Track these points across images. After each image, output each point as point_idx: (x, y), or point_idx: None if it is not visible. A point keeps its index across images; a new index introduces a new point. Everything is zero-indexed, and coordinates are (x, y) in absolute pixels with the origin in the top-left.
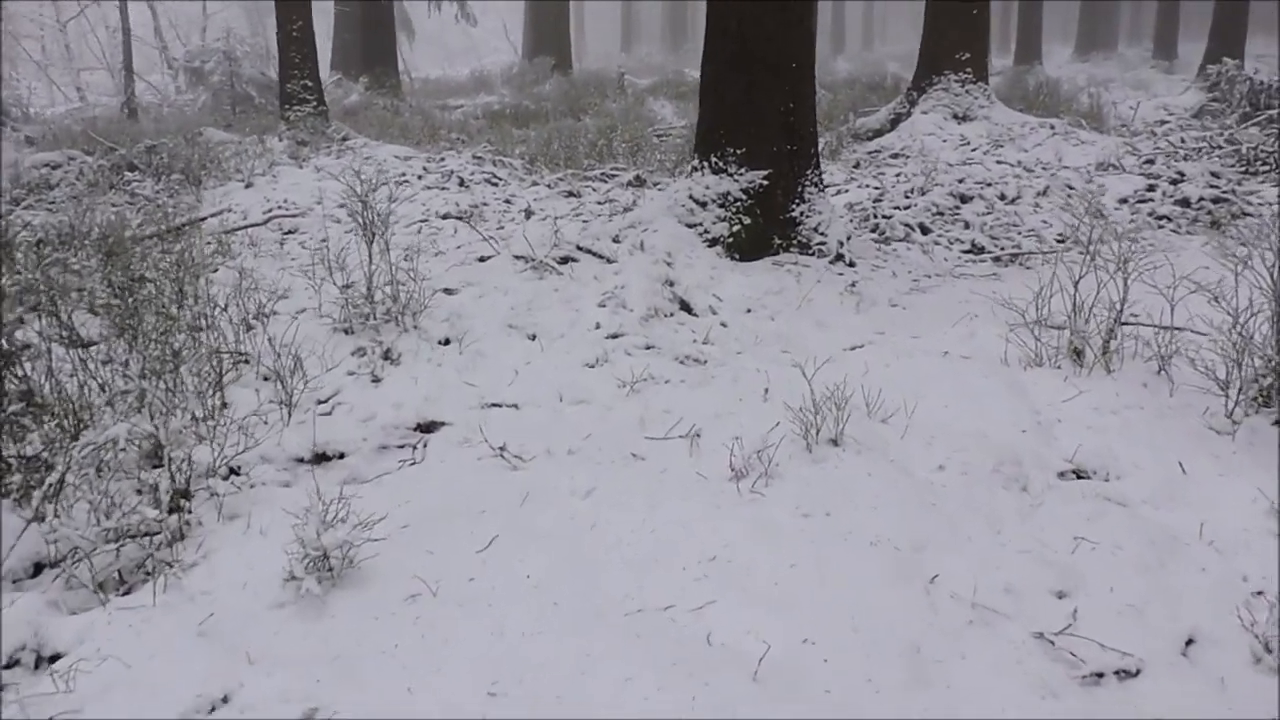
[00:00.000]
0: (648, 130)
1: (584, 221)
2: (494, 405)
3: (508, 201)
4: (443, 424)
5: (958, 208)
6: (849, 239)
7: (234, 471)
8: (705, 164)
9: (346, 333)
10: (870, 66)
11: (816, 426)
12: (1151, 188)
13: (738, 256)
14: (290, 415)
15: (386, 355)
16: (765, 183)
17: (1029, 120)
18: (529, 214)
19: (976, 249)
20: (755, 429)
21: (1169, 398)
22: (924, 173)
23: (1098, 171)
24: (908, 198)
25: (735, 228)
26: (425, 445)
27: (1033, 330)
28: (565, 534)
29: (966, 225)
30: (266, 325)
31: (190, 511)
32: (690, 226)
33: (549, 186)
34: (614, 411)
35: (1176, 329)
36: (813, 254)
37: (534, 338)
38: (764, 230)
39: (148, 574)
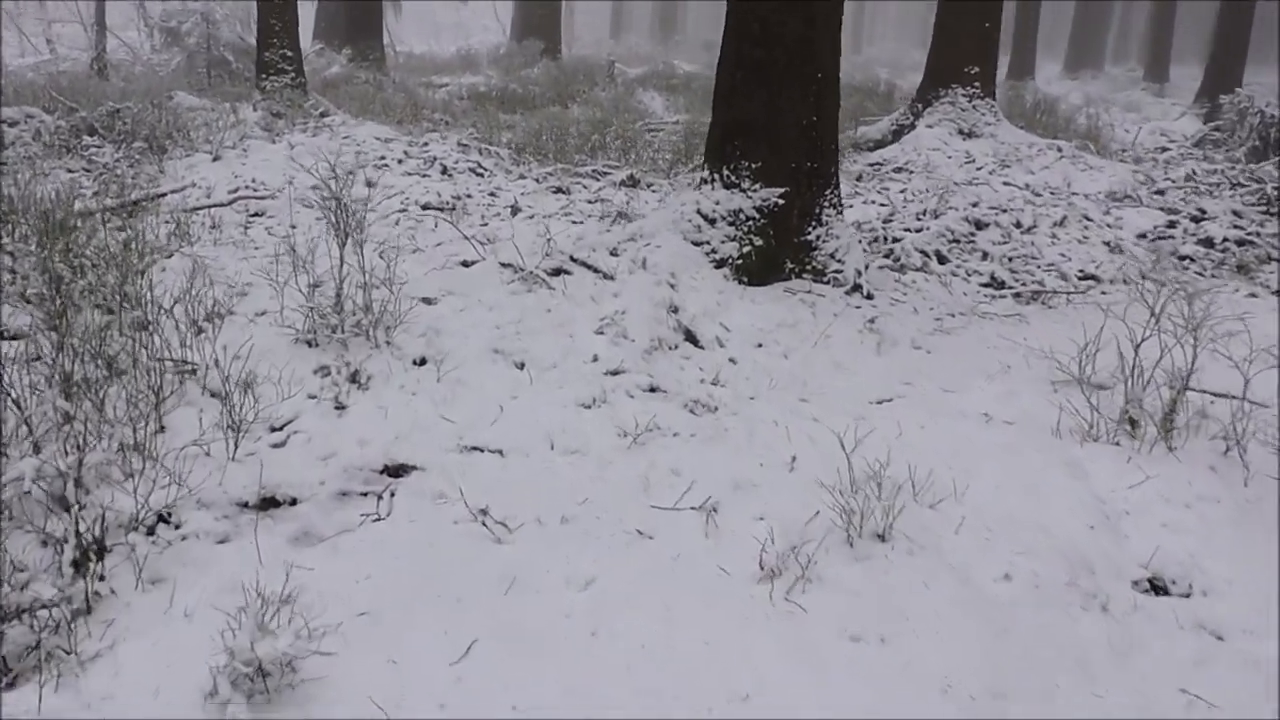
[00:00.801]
0: (639, 124)
1: (574, 222)
2: (474, 449)
3: (493, 195)
4: (414, 468)
5: (973, 234)
6: (867, 268)
7: (163, 519)
8: (716, 177)
9: (310, 345)
10: (861, 71)
11: (860, 514)
12: (1172, 224)
13: (746, 280)
14: (237, 446)
15: (354, 378)
16: (781, 202)
17: (1035, 141)
18: (515, 210)
19: (996, 283)
20: (783, 509)
21: (1244, 488)
22: (934, 192)
23: (1112, 202)
24: (919, 220)
25: (746, 249)
26: (393, 494)
27: (1086, 395)
28: (560, 643)
29: (984, 256)
30: (219, 330)
31: (103, 577)
32: (696, 244)
33: (537, 181)
34: (614, 467)
35: (1253, 403)
36: (827, 282)
37: (522, 366)
38: (776, 253)
39: (44, 659)
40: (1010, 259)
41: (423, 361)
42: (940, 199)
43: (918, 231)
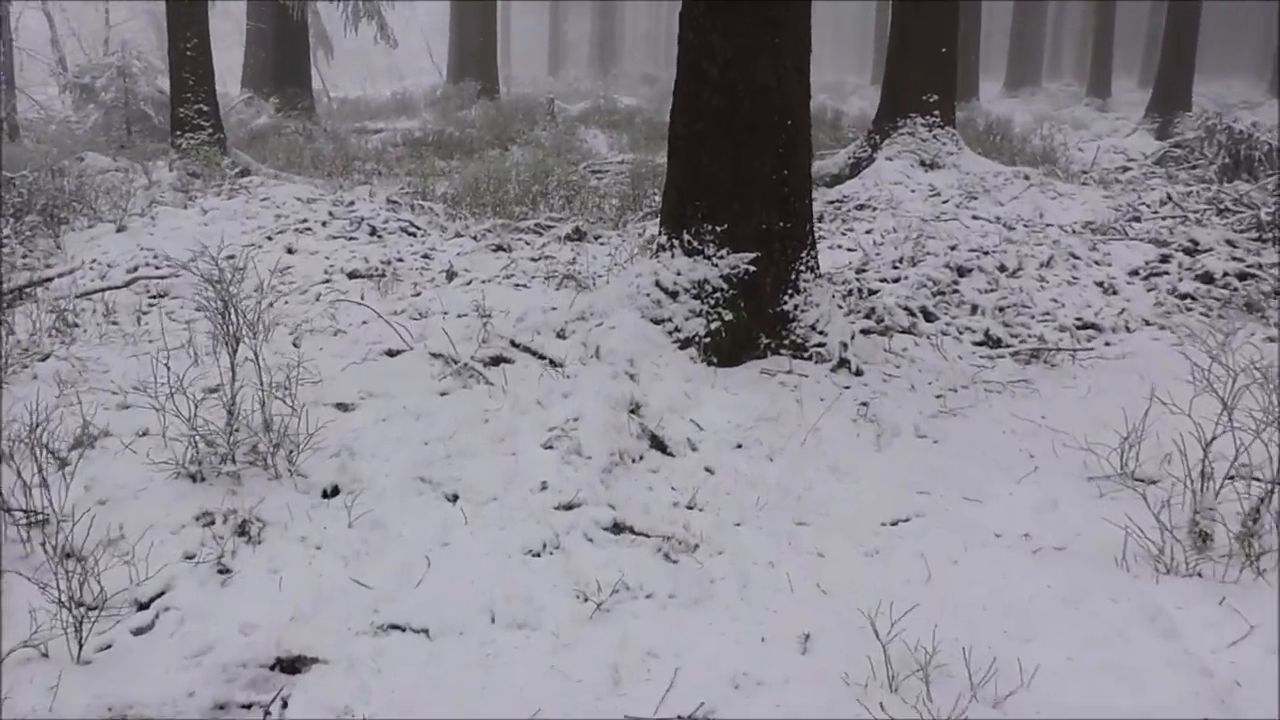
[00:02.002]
0: (583, 166)
1: (516, 285)
2: (394, 627)
3: (426, 257)
4: (314, 661)
5: (956, 282)
6: (853, 338)
7: None
8: (675, 243)
9: (194, 480)
10: None
11: None
12: (1165, 258)
13: (717, 362)
14: (84, 641)
15: (243, 529)
16: (752, 269)
17: (1001, 169)
18: (451, 275)
19: (991, 341)
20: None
21: None
22: (907, 234)
23: (1093, 233)
24: (896, 268)
25: (714, 325)
26: (285, 704)
27: (1144, 500)
28: None
29: (974, 309)
30: (87, 461)
31: None
32: (657, 323)
33: (475, 239)
34: (573, 651)
35: None
36: (809, 358)
37: (455, 499)
38: (749, 328)
39: None
40: (1001, 309)
41: (334, 491)
42: (916, 243)
43: (895, 282)
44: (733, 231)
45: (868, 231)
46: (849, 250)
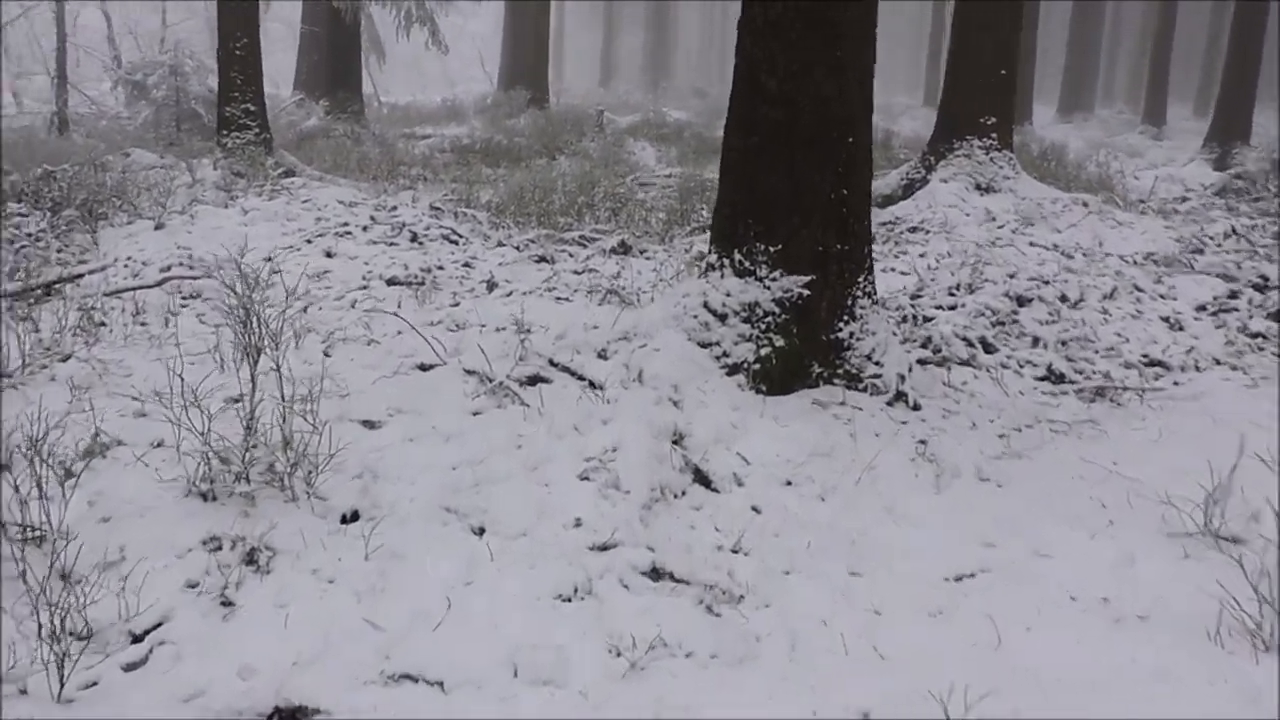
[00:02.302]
0: (630, 179)
1: (558, 298)
2: (406, 677)
3: (467, 265)
4: (316, 713)
5: (1015, 312)
6: (910, 370)
7: None
8: (726, 262)
9: (205, 499)
10: None
11: None
12: (1234, 294)
13: (765, 390)
14: (65, 678)
15: (252, 557)
16: (806, 292)
17: (1058, 196)
18: (491, 286)
19: (1054, 376)
20: None
21: None
22: (964, 260)
23: (1155, 264)
24: (953, 295)
25: (764, 351)
26: None
27: (1256, 589)
28: None
29: (1035, 341)
30: (95, 473)
31: None
32: (704, 346)
33: (518, 249)
34: (602, 715)
35: None
36: (863, 389)
37: (481, 532)
38: (801, 356)
39: None
40: (1064, 343)
41: (353, 516)
42: (974, 269)
43: (952, 309)
44: (787, 252)
45: (921, 255)
46: (902, 274)
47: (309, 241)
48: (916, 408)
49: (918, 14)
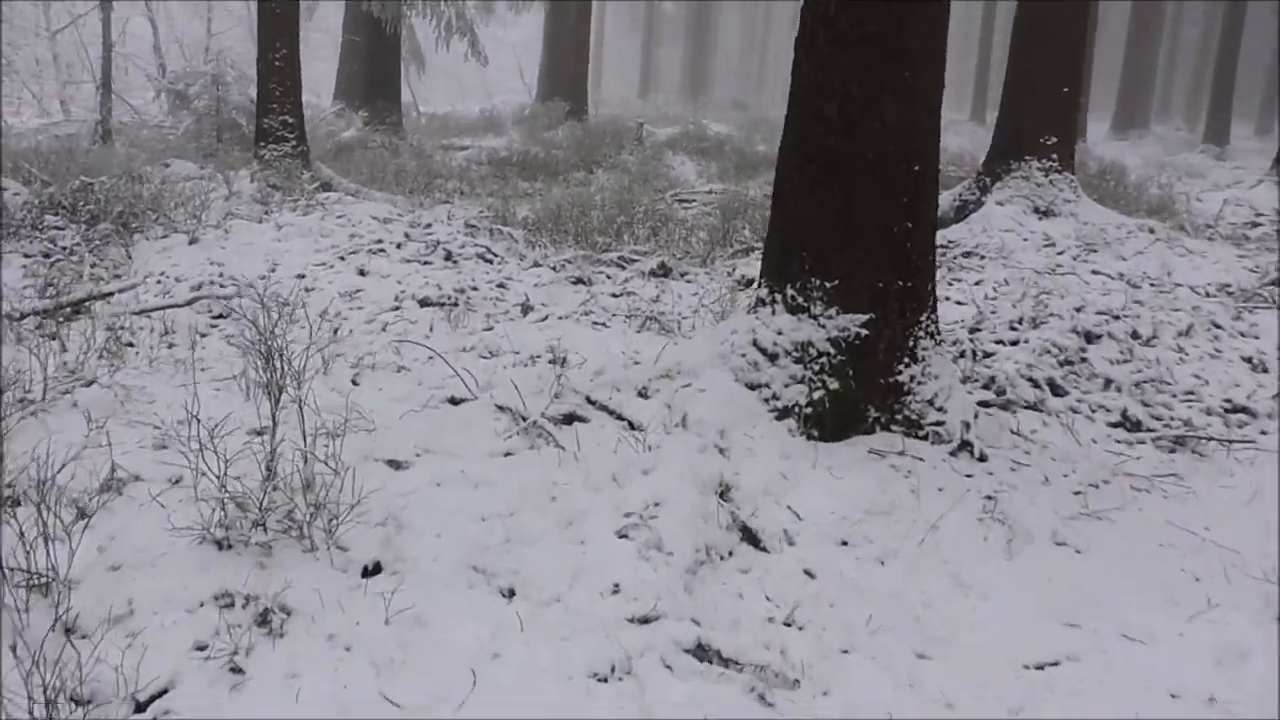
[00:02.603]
0: (669, 195)
1: (595, 324)
2: None
3: (502, 286)
4: None
5: (1084, 350)
6: (976, 417)
7: None
8: (777, 297)
9: (220, 547)
10: None
11: None
12: None
13: (818, 436)
14: None
15: (265, 618)
16: (864, 332)
17: (1123, 220)
18: (526, 309)
19: (1130, 423)
20: None
21: None
22: (1024, 289)
23: (1231, 297)
24: (1015, 329)
25: (817, 394)
26: None
27: None
28: None
29: (1107, 383)
30: (106, 512)
31: None
32: (753, 388)
33: (554, 269)
34: None
35: None
36: (924, 437)
37: (511, 595)
38: (857, 400)
39: None
40: (1138, 385)
41: (375, 569)
42: (1036, 301)
43: (1014, 344)
44: (844, 288)
45: (977, 282)
46: (958, 304)
47: (342, 259)
48: (983, 459)
49: (964, 20)
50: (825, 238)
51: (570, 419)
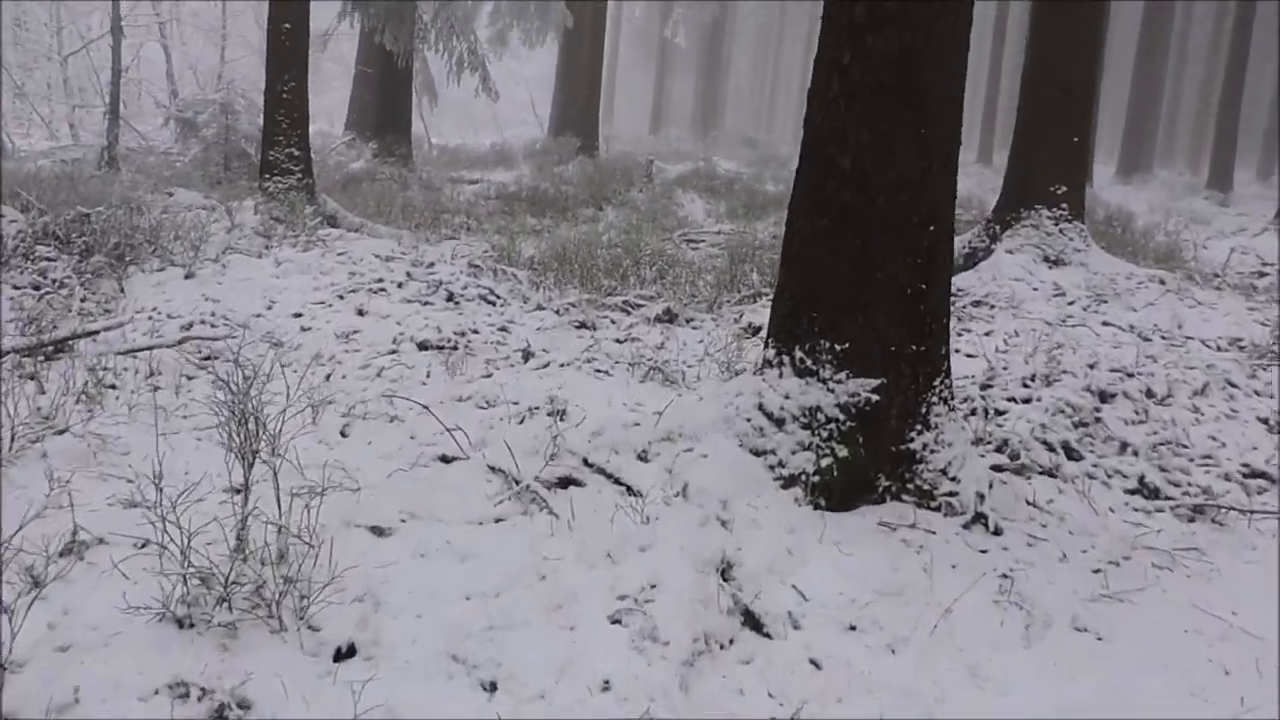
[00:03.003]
0: (677, 235)
1: (598, 371)
2: None
3: (504, 330)
4: None
5: (1098, 409)
6: (991, 487)
7: None
8: (785, 359)
9: (181, 625)
10: None
11: None
12: None
13: (825, 504)
14: None
15: (221, 714)
16: (875, 397)
17: (1133, 270)
18: (527, 355)
19: (1148, 490)
20: None
21: None
22: (1036, 344)
23: (1250, 359)
24: (1027, 386)
25: (825, 461)
26: None
27: None
28: None
29: (1123, 446)
30: (62, 584)
31: None
32: (758, 454)
33: (557, 313)
34: None
35: None
36: (937, 508)
37: (493, 689)
38: (867, 468)
39: None
40: (1155, 449)
41: (349, 652)
42: (1050, 357)
43: (1026, 402)
44: (854, 351)
45: (987, 333)
46: (969, 356)
47: (341, 297)
48: (998, 532)
49: (972, 62)
50: (837, 297)
51: (566, 483)
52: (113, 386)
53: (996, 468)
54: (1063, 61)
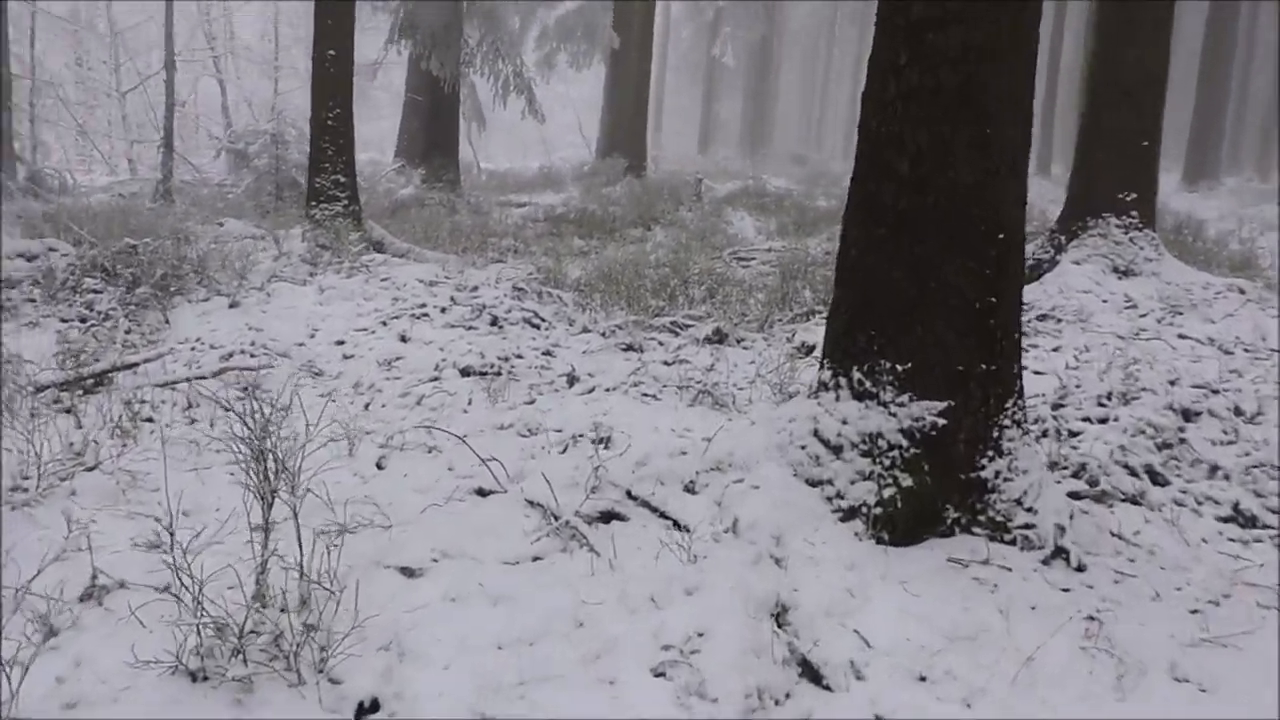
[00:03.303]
0: (727, 253)
1: (645, 395)
2: None
3: (548, 354)
4: None
5: (1182, 429)
6: (1072, 518)
7: None
8: (841, 381)
9: (194, 679)
10: None
11: None
12: None
13: (888, 539)
14: None
15: None
16: (941, 421)
17: (1209, 280)
18: (572, 380)
19: (1244, 518)
20: None
21: None
22: (1111, 360)
23: None
24: (1103, 405)
25: (888, 492)
26: None
27: None
28: None
29: (1213, 469)
30: (75, 631)
31: None
32: (813, 484)
33: (603, 335)
34: None
35: None
36: (1011, 541)
37: None
38: (934, 498)
39: None
40: (1248, 471)
41: (371, 707)
42: (1126, 373)
43: (1102, 422)
44: (917, 371)
45: (1056, 349)
46: (1037, 373)
47: (384, 324)
48: (1081, 568)
49: None
50: (896, 313)
51: (608, 517)
52: (149, 420)
53: (1075, 495)
54: (1130, 60)
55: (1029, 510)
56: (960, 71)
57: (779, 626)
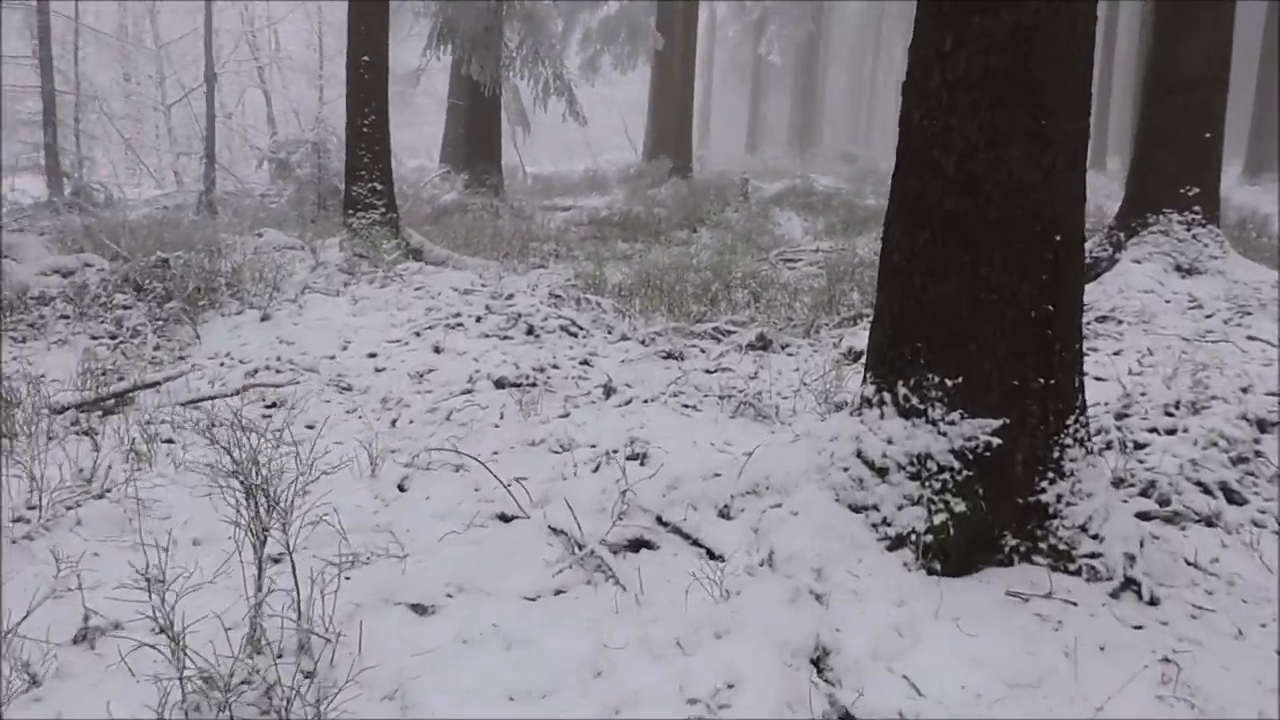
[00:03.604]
0: (774, 254)
1: (685, 406)
2: None
3: (585, 363)
4: None
5: (1258, 441)
6: (1142, 545)
7: None
8: (886, 397)
9: None
10: None
11: None
12: None
13: (939, 569)
14: None
15: None
16: (996, 441)
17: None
18: (609, 391)
19: None
20: None
21: None
22: (1178, 365)
23: None
24: (1170, 415)
25: (939, 518)
26: None
27: None
28: None
29: None
30: (59, 681)
31: None
32: (857, 510)
33: (643, 343)
34: None
35: None
36: (1076, 572)
37: None
38: (989, 525)
39: None
40: None
41: None
42: (1194, 379)
43: (1170, 433)
44: (969, 386)
45: (1117, 353)
46: (1098, 380)
47: (417, 334)
48: (1154, 602)
49: None
50: (944, 323)
51: (637, 545)
52: (170, 440)
53: (1143, 515)
54: (1189, 58)
55: (1095, 537)
56: (1012, 56)
57: (819, 673)
